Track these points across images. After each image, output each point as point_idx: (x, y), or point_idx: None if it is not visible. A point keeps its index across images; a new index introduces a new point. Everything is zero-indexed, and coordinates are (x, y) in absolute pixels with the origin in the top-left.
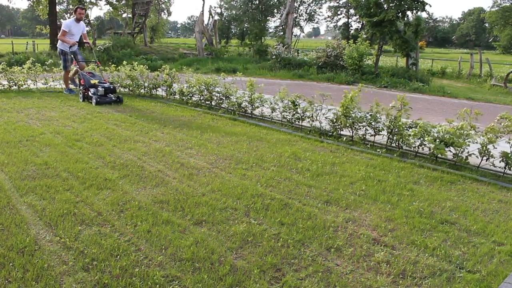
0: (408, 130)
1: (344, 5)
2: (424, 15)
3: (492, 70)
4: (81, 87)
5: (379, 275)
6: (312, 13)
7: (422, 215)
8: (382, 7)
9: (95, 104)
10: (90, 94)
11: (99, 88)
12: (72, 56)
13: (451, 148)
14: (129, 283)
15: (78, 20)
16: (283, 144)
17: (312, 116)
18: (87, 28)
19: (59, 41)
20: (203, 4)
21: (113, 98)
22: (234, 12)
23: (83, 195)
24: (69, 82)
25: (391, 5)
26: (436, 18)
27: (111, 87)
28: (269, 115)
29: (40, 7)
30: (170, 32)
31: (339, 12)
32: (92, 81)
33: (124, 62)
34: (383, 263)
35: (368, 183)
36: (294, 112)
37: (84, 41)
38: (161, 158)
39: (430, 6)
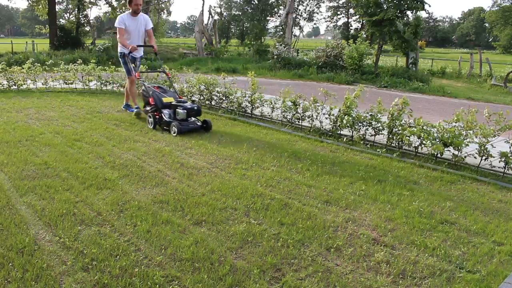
0: (406, 130)
1: (344, 5)
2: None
3: (492, 70)
4: (148, 108)
5: (379, 275)
6: (312, 13)
7: (422, 215)
8: (382, 6)
9: (176, 134)
10: (165, 118)
11: (179, 110)
12: (132, 60)
13: (451, 148)
14: (129, 283)
15: (135, 13)
16: (283, 144)
17: (312, 115)
18: (87, 28)
19: (119, 44)
20: (203, 4)
21: (198, 123)
22: (234, 12)
23: (82, 195)
24: (131, 98)
25: (390, 4)
26: (436, 18)
27: (195, 108)
28: (269, 115)
29: (40, 6)
30: (170, 32)
31: (338, 12)
32: (165, 99)
33: None
34: (383, 263)
35: (368, 183)
36: (295, 112)
37: (149, 43)
38: (161, 158)
39: (430, 5)
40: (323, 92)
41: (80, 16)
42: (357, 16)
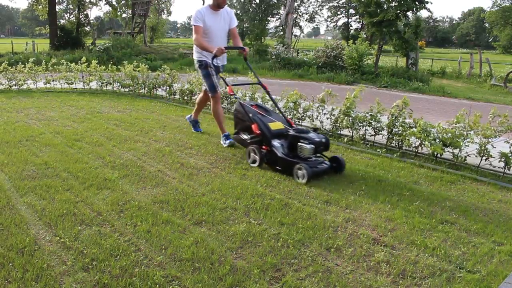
0: (408, 130)
1: (344, 5)
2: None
3: (492, 70)
4: (246, 138)
5: (379, 275)
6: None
7: (422, 215)
8: (382, 6)
9: (306, 179)
10: (279, 154)
11: (305, 145)
12: (215, 70)
13: (450, 148)
14: (129, 283)
15: (217, 7)
16: None
17: (312, 115)
18: (87, 29)
19: (194, 47)
20: (203, 4)
21: (326, 163)
22: (234, 11)
23: (82, 195)
24: (216, 122)
25: (391, 5)
26: (436, 18)
27: (323, 140)
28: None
29: (40, 7)
30: (170, 32)
31: (338, 12)
32: (273, 126)
33: (128, 64)
34: (383, 263)
35: (368, 183)
36: (295, 112)
37: (238, 45)
38: (161, 158)
39: (431, 3)
40: (326, 92)
41: (80, 16)
42: (357, 16)
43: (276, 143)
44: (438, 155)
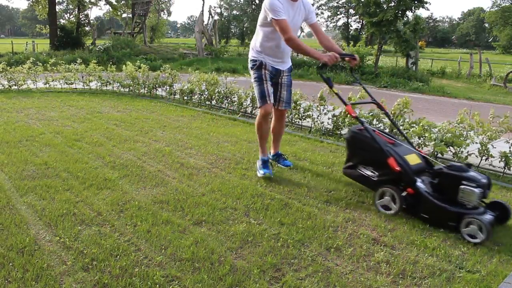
0: (410, 129)
1: (344, 5)
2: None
3: (492, 70)
4: (372, 174)
5: (379, 275)
6: None
7: None
8: (381, 6)
9: (485, 237)
10: (433, 200)
11: (472, 190)
12: (272, 76)
13: (451, 148)
14: (129, 283)
15: None
16: (283, 144)
17: (312, 115)
18: (87, 29)
19: (252, 44)
20: (203, 4)
21: (492, 213)
22: (234, 12)
23: (82, 195)
24: (260, 143)
25: (390, 5)
26: (436, 18)
27: (487, 181)
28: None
29: (40, 7)
30: (170, 32)
31: (338, 12)
32: (411, 159)
33: (128, 63)
34: (383, 263)
35: None
36: (296, 112)
37: (330, 45)
38: (161, 158)
39: (430, 3)
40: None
41: (80, 16)
42: (357, 16)
43: (421, 184)
44: (439, 155)
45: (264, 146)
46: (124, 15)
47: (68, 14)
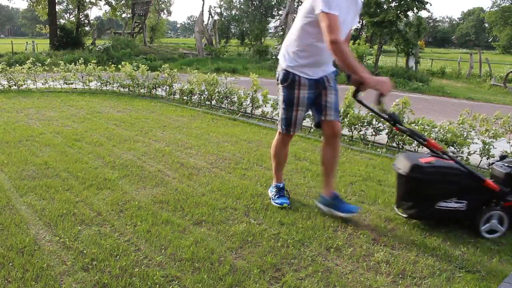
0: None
1: None
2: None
3: (492, 70)
4: (460, 205)
5: (378, 275)
6: None
7: None
8: (382, 7)
9: None
10: None
11: None
12: (310, 94)
13: (451, 148)
14: (129, 283)
15: None
16: None
17: (312, 115)
18: (87, 29)
19: (285, 48)
20: (203, 4)
21: None
22: (234, 12)
23: (82, 195)
24: (280, 172)
25: (391, 5)
26: (436, 18)
27: None
28: (270, 115)
29: (40, 7)
30: (169, 32)
31: None
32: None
33: (125, 62)
34: (382, 263)
35: (368, 183)
36: None
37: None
38: (161, 158)
39: (431, 4)
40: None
41: (80, 16)
42: None
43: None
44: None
45: (280, 172)
46: (124, 15)
47: (68, 14)
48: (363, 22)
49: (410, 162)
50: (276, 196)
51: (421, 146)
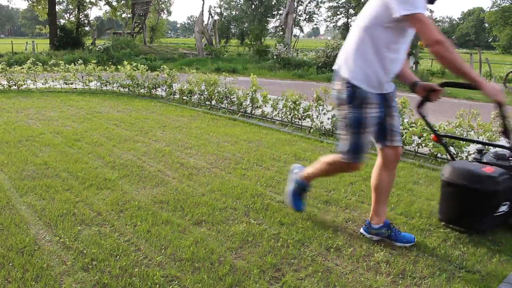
0: (410, 131)
1: (344, 5)
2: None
3: (492, 70)
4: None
5: (378, 275)
6: (311, 14)
7: (422, 215)
8: None
9: None
10: None
11: None
12: (379, 111)
13: (451, 148)
14: (129, 283)
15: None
16: (283, 144)
17: (312, 115)
18: (87, 29)
19: (344, 58)
20: (203, 4)
21: None
22: (234, 12)
23: (82, 195)
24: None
25: None
26: (436, 18)
27: None
28: (270, 115)
29: (40, 7)
30: (169, 32)
31: (338, 12)
32: None
33: (127, 64)
34: (383, 263)
35: (368, 183)
36: (295, 112)
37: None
38: (161, 158)
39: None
40: (322, 90)
41: (80, 16)
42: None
43: None
44: (438, 155)
45: (309, 177)
46: (124, 15)
47: (68, 14)
48: None
49: (478, 173)
50: (297, 197)
51: (421, 147)
